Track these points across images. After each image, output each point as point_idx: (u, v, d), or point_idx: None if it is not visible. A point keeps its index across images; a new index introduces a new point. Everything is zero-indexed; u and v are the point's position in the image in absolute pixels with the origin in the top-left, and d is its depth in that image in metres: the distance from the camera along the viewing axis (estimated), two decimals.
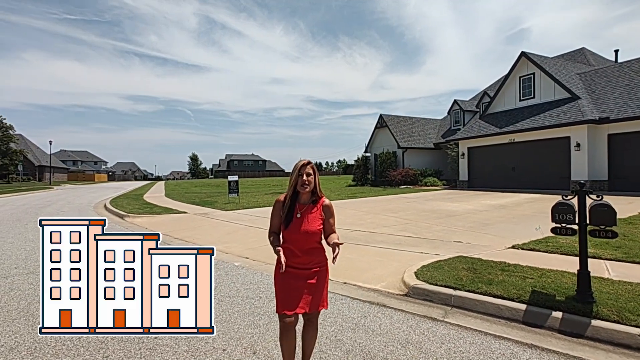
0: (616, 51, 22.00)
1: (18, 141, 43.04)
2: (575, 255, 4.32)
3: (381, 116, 27.31)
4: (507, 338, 2.98)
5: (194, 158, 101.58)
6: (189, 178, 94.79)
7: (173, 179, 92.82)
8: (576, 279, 3.38)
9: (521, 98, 18.26)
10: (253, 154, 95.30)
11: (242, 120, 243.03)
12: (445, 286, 3.90)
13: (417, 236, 6.99)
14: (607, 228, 3.23)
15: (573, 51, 24.06)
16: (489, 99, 20.64)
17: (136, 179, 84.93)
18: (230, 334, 3.07)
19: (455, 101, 25.77)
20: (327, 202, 2.33)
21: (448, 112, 26.90)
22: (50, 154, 47.96)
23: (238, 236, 7.70)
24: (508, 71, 18.75)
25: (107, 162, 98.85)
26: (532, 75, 17.58)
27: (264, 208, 12.41)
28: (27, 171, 48.55)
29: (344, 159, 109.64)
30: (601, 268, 4.42)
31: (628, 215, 8.23)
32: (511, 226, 7.74)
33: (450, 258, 4.99)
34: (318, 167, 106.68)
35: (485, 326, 3.22)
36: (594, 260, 4.72)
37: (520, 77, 18.21)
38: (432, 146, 25.80)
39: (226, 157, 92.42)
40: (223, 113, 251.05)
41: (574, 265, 3.45)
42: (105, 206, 14.81)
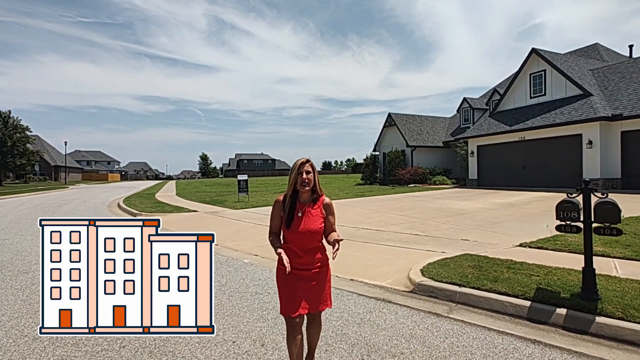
0: (630, 46, 21.51)
1: (35, 142, 44.20)
2: (583, 253, 4.31)
3: (390, 115, 27.25)
4: (511, 334, 3.03)
5: (204, 157, 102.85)
6: (200, 177, 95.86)
7: (184, 178, 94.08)
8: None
9: (532, 95, 18.02)
10: (262, 153, 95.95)
11: (252, 119, 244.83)
12: (450, 283, 3.96)
13: (425, 234, 7.02)
14: (612, 225, 3.24)
15: (586, 47, 23.59)
16: (499, 97, 20.41)
17: (148, 179, 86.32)
18: (239, 327, 3.18)
19: (464, 99, 25.55)
20: (328, 201, 2.32)
21: (457, 110, 26.68)
22: (65, 155, 49.13)
23: (247, 234, 7.84)
24: (518, 68, 18.51)
25: (120, 162, 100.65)
26: (543, 72, 17.33)
27: None
28: (44, 171, 49.87)
29: (353, 158, 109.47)
30: (609, 266, 4.41)
31: None
32: (519, 224, 7.71)
33: (456, 256, 5.02)
34: (327, 166, 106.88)
35: (489, 322, 3.26)
36: (603, 258, 4.71)
37: (530, 74, 17.97)
38: (441, 145, 25.63)
39: (236, 157, 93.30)
40: (233, 113, 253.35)
41: (581, 263, 3.46)
42: (118, 205, 15.18)
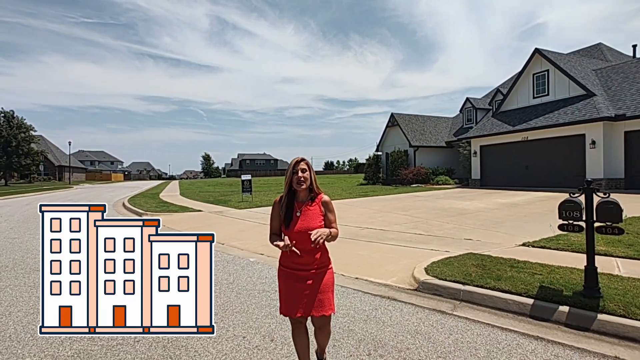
0: (634, 46, 21.43)
1: (39, 142, 44.56)
2: (585, 252, 4.36)
3: (392, 115, 27.30)
4: (514, 330, 3.10)
5: (207, 157, 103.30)
6: (202, 177, 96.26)
7: (186, 178, 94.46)
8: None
9: (535, 95, 18.03)
10: (265, 153, 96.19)
11: (254, 119, 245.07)
12: (454, 281, 4.02)
13: (428, 234, 7.08)
14: (614, 225, 3.30)
15: (589, 47, 23.54)
16: (502, 97, 20.43)
17: (151, 179, 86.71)
18: (249, 323, 3.27)
19: (467, 99, 25.58)
20: (326, 198, 2.28)
21: (460, 110, 26.71)
22: (69, 155, 49.47)
23: (252, 233, 7.93)
24: (521, 68, 18.52)
25: (123, 162, 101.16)
26: (546, 72, 17.33)
27: None
28: (48, 171, 50.28)
29: (355, 158, 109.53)
30: (612, 265, 4.46)
31: None
32: (522, 224, 7.76)
33: (460, 255, 5.09)
34: (329, 166, 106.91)
35: (492, 319, 3.33)
36: (606, 257, 4.76)
37: (533, 75, 17.98)
38: (444, 145, 25.66)
39: (238, 157, 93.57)
40: (234, 113, 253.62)
41: (584, 262, 3.52)
42: (124, 204, 15.31)
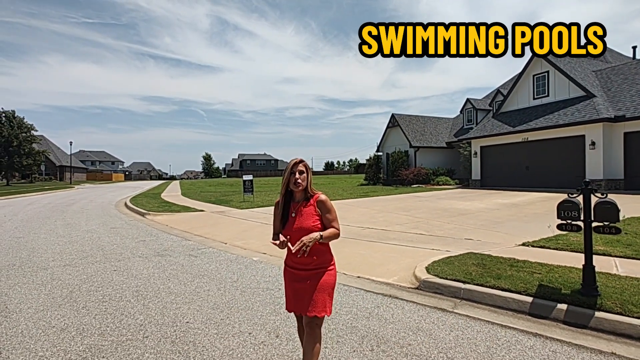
0: (634, 47, 21.49)
1: (41, 142, 44.66)
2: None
3: (393, 115, 27.38)
4: (513, 327, 3.17)
5: (208, 158, 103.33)
6: (203, 177, 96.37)
7: (187, 179, 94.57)
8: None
9: (535, 96, 18.10)
10: (265, 154, 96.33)
11: (254, 120, 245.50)
12: (454, 280, 4.10)
13: (429, 234, 7.16)
14: (611, 224, 3.37)
15: None
16: (503, 98, 20.49)
17: (151, 179, 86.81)
18: (254, 320, 3.34)
19: (468, 100, 25.64)
20: (322, 198, 2.22)
21: (461, 111, 26.77)
22: (70, 155, 49.59)
23: (255, 233, 8.01)
24: (522, 69, 18.58)
25: (124, 162, 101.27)
26: (547, 73, 17.40)
27: None
28: (49, 171, 50.38)
29: (356, 158, 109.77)
30: (610, 265, 4.53)
31: None
32: (522, 224, 7.83)
33: (460, 254, 5.16)
34: (329, 167, 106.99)
35: (492, 317, 3.41)
36: (604, 257, 4.83)
37: (534, 76, 18.05)
38: (445, 145, 25.72)
39: (239, 157, 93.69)
40: (235, 113, 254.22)
41: (583, 261, 3.59)
42: (126, 204, 15.40)
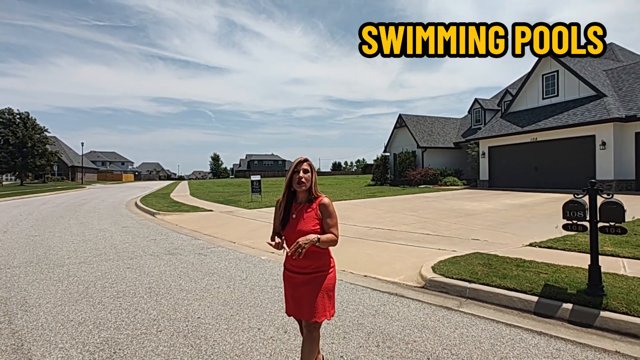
0: None
1: (54, 143, 45.57)
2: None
3: (400, 116, 27.35)
4: (518, 326, 3.21)
5: (216, 158, 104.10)
6: (211, 178, 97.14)
7: (195, 179, 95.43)
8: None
9: (544, 96, 17.93)
10: (273, 154, 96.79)
11: (262, 120, 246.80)
12: (460, 279, 4.14)
13: (436, 234, 7.19)
14: (617, 224, 3.39)
15: None
16: (511, 98, 20.34)
17: (160, 179, 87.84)
18: (263, 316, 3.44)
19: (476, 100, 25.49)
20: (326, 201, 2.13)
21: (469, 111, 26.62)
22: (82, 155, 50.51)
23: (263, 233, 8.12)
24: (531, 69, 18.42)
25: (133, 163, 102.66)
26: (556, 72, 17.23)
27: None
28: (61, 171, 51.40)
29: (363, 159, 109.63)
30: (618, 265, 4.52)
31: None
32: (530, 225, 7.80)
33: (466, 254, 5.19)
34: (337, 167, 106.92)
35: (497, 315, 3.45)
36: (613, 258, 4.82)
37: (543, 75, 17.88)
38: (452, 145, 25.60)
39: (246, 157, 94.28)
40: (243, 114, 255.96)
41: (589, 262, 3.62)
42: (136, 204, 15.68)
